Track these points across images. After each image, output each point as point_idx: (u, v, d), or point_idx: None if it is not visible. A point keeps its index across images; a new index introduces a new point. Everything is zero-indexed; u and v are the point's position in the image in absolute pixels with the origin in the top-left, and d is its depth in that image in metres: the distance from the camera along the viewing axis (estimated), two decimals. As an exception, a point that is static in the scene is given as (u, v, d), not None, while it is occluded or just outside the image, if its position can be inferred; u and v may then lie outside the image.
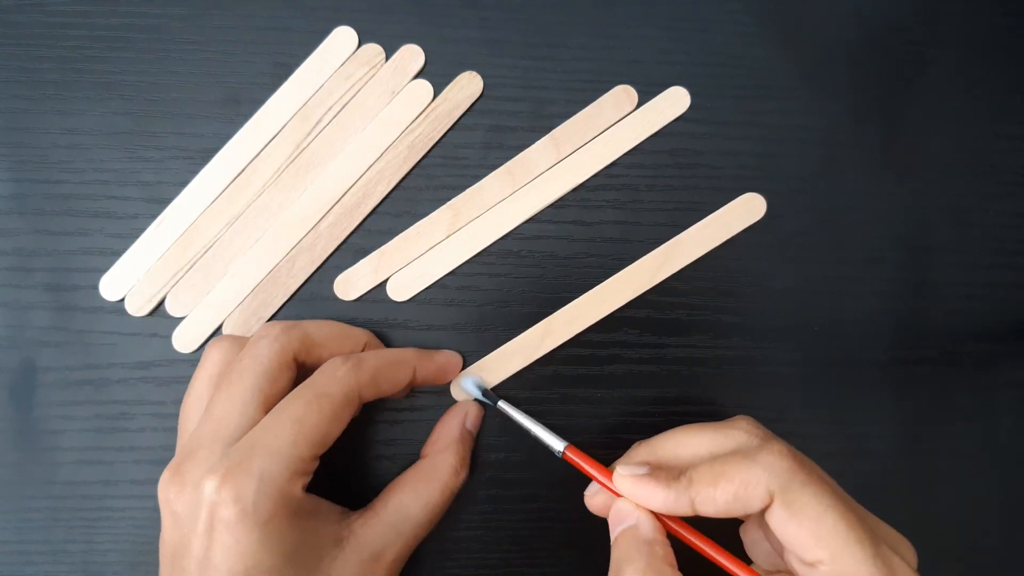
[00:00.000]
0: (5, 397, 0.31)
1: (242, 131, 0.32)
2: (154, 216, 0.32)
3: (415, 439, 0.31)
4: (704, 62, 0.34)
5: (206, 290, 0.32)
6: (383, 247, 0.32)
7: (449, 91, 0.33)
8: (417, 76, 0.33)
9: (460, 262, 0.32)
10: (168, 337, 0.31)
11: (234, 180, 0.32)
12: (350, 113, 0.33)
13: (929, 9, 0.35)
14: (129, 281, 0.31)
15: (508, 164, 0.33)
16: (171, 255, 0.32)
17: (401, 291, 0.32)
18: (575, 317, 0.32)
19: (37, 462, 0.31)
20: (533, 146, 0.33)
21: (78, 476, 0.31)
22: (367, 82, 0.33)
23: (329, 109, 0.33)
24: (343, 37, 0.33)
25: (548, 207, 0.33)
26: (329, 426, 0.25)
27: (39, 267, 0.32)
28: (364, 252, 0.32)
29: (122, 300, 0.31)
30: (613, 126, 0.33)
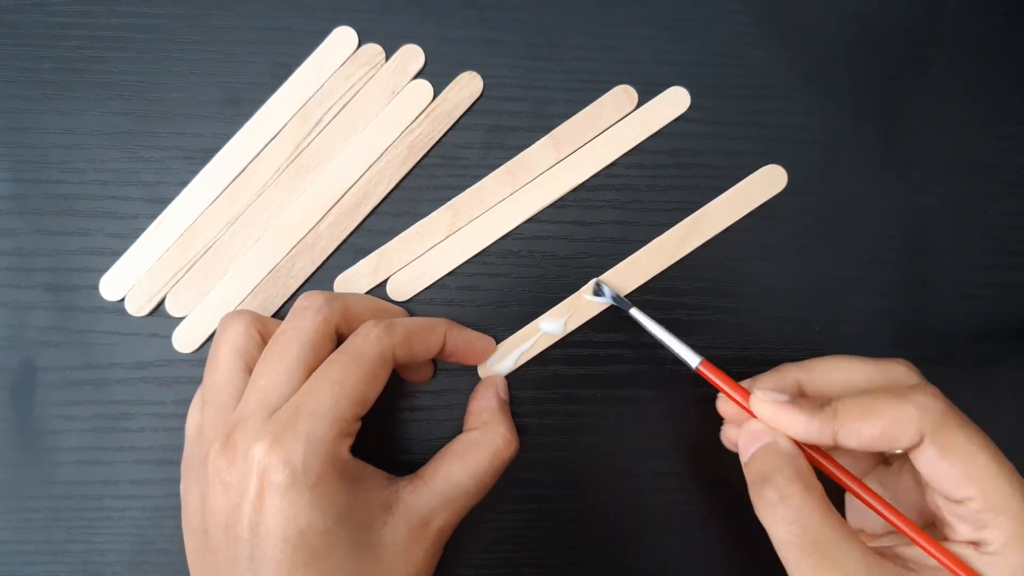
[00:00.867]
0: (5, 397, 0.31)
1: (242, 131, 0.32)
2: (154, 216, 0.32)
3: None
4: (704, 62, 0.34)
5: (206, 290, 0.32)
6: (383, 247, 0.32)
7: (449, 91, 0.33)
8: (417, 76, 0.33)
9: (460, 262, 0.32)
10: (168, 337, 0.31)
11: (234, 180, 0.32)
12: (350, 113, 0.33)
13: (929, 9, 0.35)
14: (129, 281, 0.31)
15: (508, 164, 0.33)
16: (171, 255, 0.32)
17: (401, 291, 0.32)
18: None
19: (37, 462, 0.31)
20: (533, 146, 0.33)
21: (78, 476, 0.31)
22: (367, 82, 0.33)
23: (329, 109, 0.33)
24: (343, 37, 0.33)
25: (548, 207, 0.33)
26: (367, 386, 0.25)
27: (39, 267, 0.32)
28: (364, 252, 0.32)
29: (122, 300, 0.31)
30: (613, 126, 0.33)
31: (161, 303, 0.32)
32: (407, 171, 0.32)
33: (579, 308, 0.32)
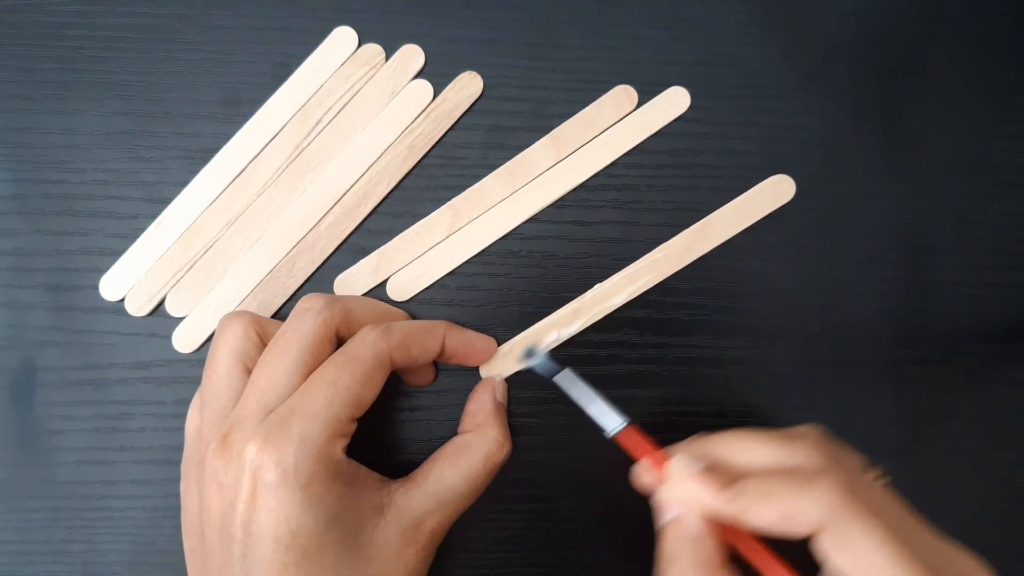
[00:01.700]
0: (5, 397, 0.31)
1: (242, 131, 0.32)
2: (154, 216, 0.32)
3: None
4: (704, 62, 0.34)
5: (206, 290, 0.32)
6: (383, 247, 0.32)
7: (449, 91, 0.33)
8: (417, 76, 0.33)
9: (460, 262, 0.32)
10: (168, 337, 0.31)
11: (234, 180, 0.32)
12: (350, 113, 0.33)
13: (929, 9, 0.35)
14: (129, 281, 0.31)
15: (508, 164, 0.33)
16: (171, 255, 0.32)
17: (401, 291, 0.32)
18: (607, 296, 0.32)
19: (37, 462, 0.31)
20: (533, 146, 0.33)
21: (78, 476, 0.31)
22: (367, 82, 0.33)
23: (329, 109, 0.33)
24: (343, 37, 0.33)
25: (548, 207, 0.33)
26: (362, 388, 0.25)
27: (39, 267, 0.32)
28: (364, 252, 0.32)
29: (122, 300, 0.31)
30: (613, 126, 0.33)
31: (161, 303, 0.32)
32: (407, 171, 0.32)
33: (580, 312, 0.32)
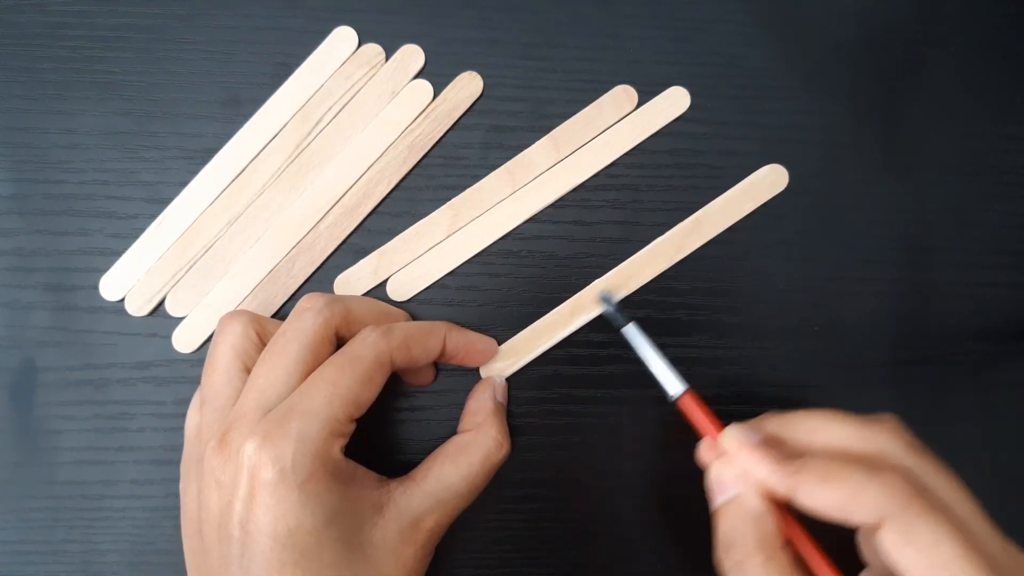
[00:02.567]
0: (5, 397, 0.31)
1: (242, 131, 0.32)
2: (154, 216, 0.32)
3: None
4: (704, 62, 0.34)
5: (206, 290, 0.32)
6: (383, 247, 0.32)
7: (449, 91, 0.33)
8: (417, 76, 0.33)
9: (460, 262, 0.32)
10: (168, 337, 0.31)
11: (234, 180, 0.32)
12: (350, 113, 0.33)
13: (929, 9, 0.35)
14: (129, 281, 0.31)
15: (508, 164, 0.33)
16: (171, 255, 0.32)
17: (401, 291, 0.32)
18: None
19: (37, 462, 0.31)
20: (533, 146, 0.33)
21: (78, 476, 0.31)
22: (367, 82, 0.33)
23: (329, 109, 0.33)
24: (343, 37, 0.33)
25: (548, 207, 0.33)
26: (361, 388, 0.25)
27: (39, 267, 0.32)
28: (364, 252, 0.32)
29: (122, 300, 0.31)
30: (613, 126, 0.33)
31: (161, 303, 0.32)
32: (407, 171, 0.32)
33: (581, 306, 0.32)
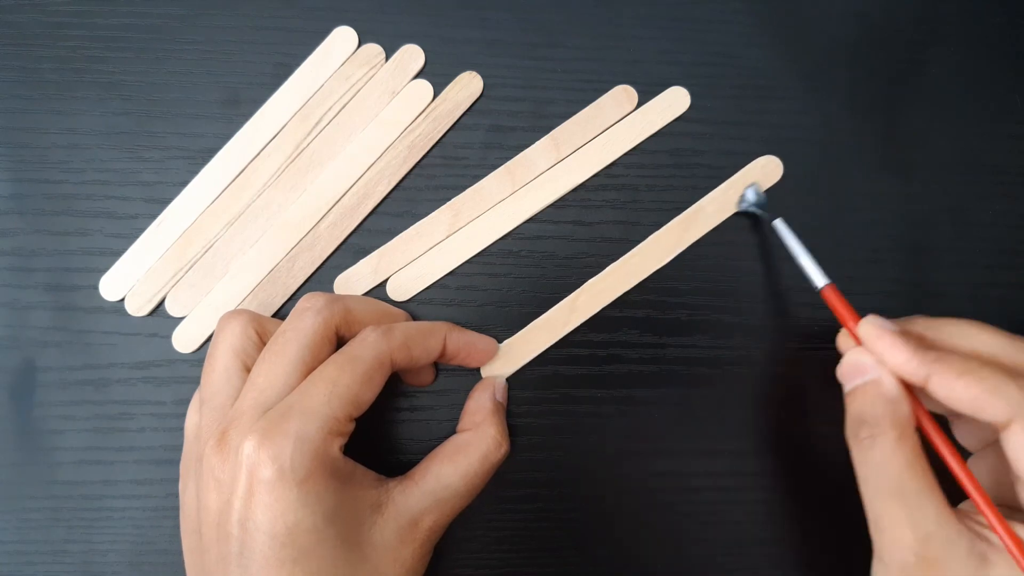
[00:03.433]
0: (5, 397, 0.31)
1: (242, 131, 0.32)
2: (154, 216, 0.32)
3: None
4: (704, 62, 0.34)
5: (206, 290, 0.32)
6: (383, 247, 0.32)
7: (449, 91, 0.33)
8: (417, 76, 0.33)
9: (460, 262, 0.32)
10: (168, 337, 0.31)
11: (234, 180, 0.32)
12: (350, 113, 0.33)
13: (929, 9, 0.35)
14: (129, 281, 0.31)
15: (508, 164, 0.33)
16: (171, 255, 0.32)
17: (401, 291, 0.32)
18: (600, 292, 0.32)
19: (37, 462, 0.31)
20: (533, 146, 0.33)
21: (78, 476, 0.31)
22: (367, 82, 0.33)
23: (329, 109, 0.33)
24: (343, 37, 0.33)
25: (548, 207, 0.33)
26: (361, 387, 0.25)
27: (39, 267, 0.32)
28: (364, 252, 0.32)
29: (122, 300, 0.31)
30: (613, 126, 0.33)
31: (161, 303, 0.32)
32: (407, 171, 0.32)
33: (579, 307, 0.32)
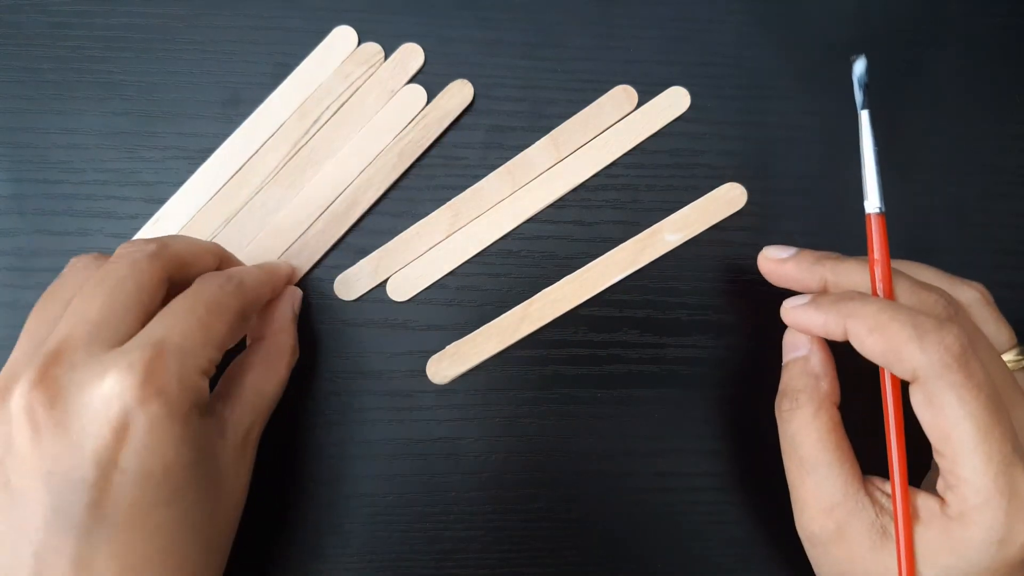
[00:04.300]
0: (5, 397, 0.31)
1: (240, 129, 0.32)
2: (153, 216, 0.32)
3: (414, 438, 0.31)
4: (704, 62, 0.34)
5: None
6: (383, 247, 0.32)
7: (440, 99, 0.33)
8: (416, 75, 0.33)
9: (460, 262, 0.32)
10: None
11: (232, 177, 0.32)
12: (348, 112, 0.33)
13: (929, 9, 0.35)
14: None
15: (508, 164, 0.33)
16: None
17: (401, 291, 0.32)
18: (554, 302, 0.32)
19: (37, 462, 0.31)
20: (533, 146, 0.33)
21: (78, 476, 0.31)
22: (366, 80, 0.33)
23: (327, 108, 0.33)
24: (343, 36, 0.33)
25: (548, 207, 0.33)
26: (228, 334, 0.25)
27: (39, 267, 0.31)
28: (364, 252, 0.32)
29: None
30: (613, 126, 0.33)
31: None
32: (396, 177, 0.32)
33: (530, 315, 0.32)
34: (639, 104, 0.33)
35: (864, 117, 0.27)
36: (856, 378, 0.27)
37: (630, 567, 0.32)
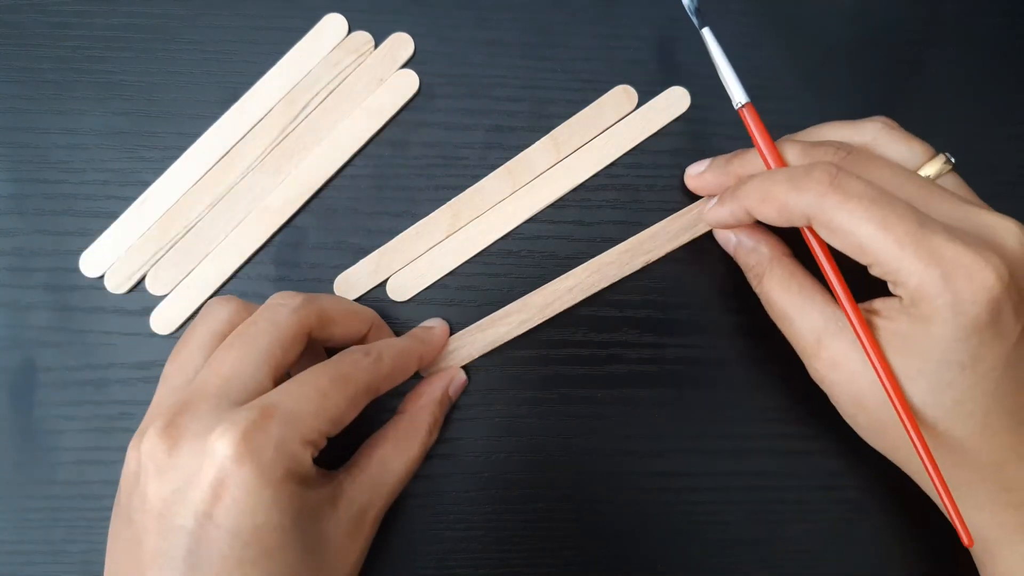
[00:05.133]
0: (5, 397, 0.31)
1: (228, 113, 0.32)
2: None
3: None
4: (704, 62, 0.34)
5: (187, 270, 0.31)
6: (383, 247, 0.32)
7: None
8: (406, 65, 0.33)
9: (460, 262, 0.32)
10: (169, 337, 0.31)
11: (219, 161, 0.32)
12: (337, 99, 0.33)
13: (929, 9, 0.35)
14: (110, 259, 0.31)
15: (508, 164, 0.33)
16: (153, 233, 0.31)
17: (401, 291, 0.32)
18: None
19: (37, 462, 0.31)
20: (533, 146, 0.33)
21: (78, 476, 0.31)
22: (355, 69, 0.33)
23: (316, 95, 0.32)
24: (333, 24, 0.33)
25: (548, 207, 0.33)
26: (348, 409, 0.25)
27: (39, 267, 0.32)
28: (364, 252, 0.32)
29: (102, 277, 0.31)
30: (613, 126, 0.33)
31: (141, 281, 0.31)
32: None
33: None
34: (639, 104, 0.33)
35: (706, 33, 0.29)
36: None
37: (630, 567, 0.32)
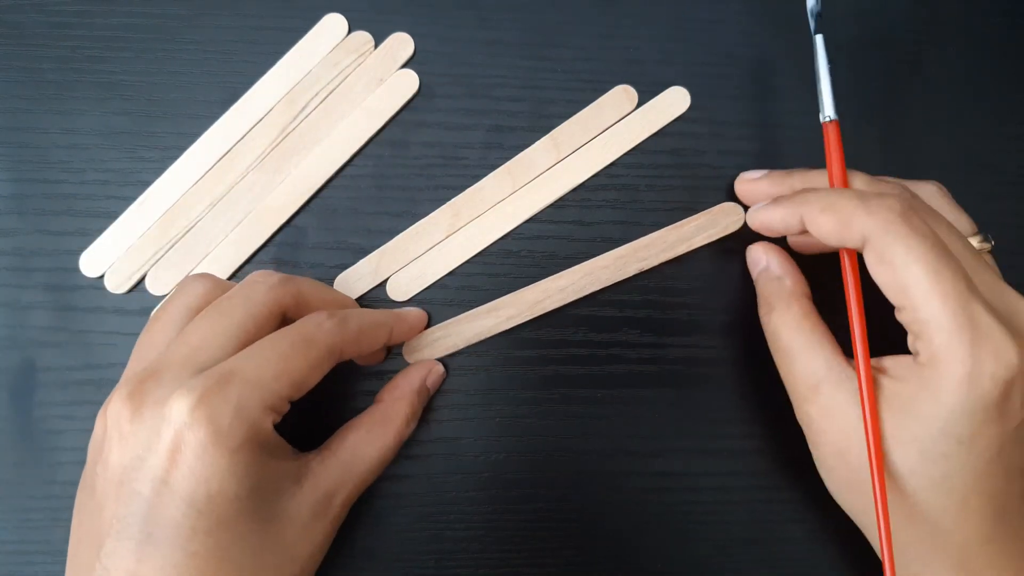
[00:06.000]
0: (5, 397, 0.31)
1: (228, 113, 0.32)
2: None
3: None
4: (704, 62, 0.34)
5: (187, 270, 0.31)
6: (383, 247, 0.32)
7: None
8: (405, 65, 0.33)
9: (460, 262, 0.32)
10: (168, 337, 0.31)
11: (218, 161, 0.32)
12: (336, 99, 0.33)
13: (929, 9, 0.35)
14: (110, 258, 0.31)
15: (508, 164, 0.33)
16: (153, 233, 0.31)
17: (401, 291, 0.32)
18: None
19: (37, 462, 0.31)
20: (533, 146, 0.33)
21: (78, 476, 0.31)
22: (355, 69, 0.33)
23: (316, 95, 0.32)
24: (333, 24, 0.33)
25: (548, 207, 0.33)
26: (310, 372, 0.24)
27: (39, 267, 0.32)
28: (364, 252, 0.32)
29: (102, 277, 0.31)
30: (613, 126, 0.33)
31: (141, 281, 0.31)
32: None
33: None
34: (639, 104, 0.33)
35: (819, 40, 0.29)
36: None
37: (630, 567, 0.32)
